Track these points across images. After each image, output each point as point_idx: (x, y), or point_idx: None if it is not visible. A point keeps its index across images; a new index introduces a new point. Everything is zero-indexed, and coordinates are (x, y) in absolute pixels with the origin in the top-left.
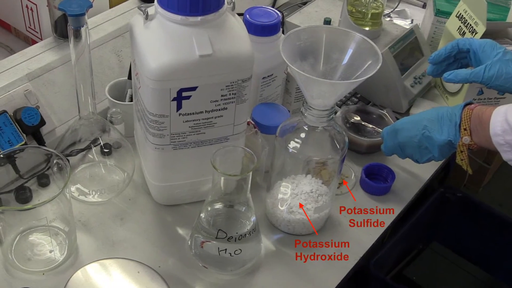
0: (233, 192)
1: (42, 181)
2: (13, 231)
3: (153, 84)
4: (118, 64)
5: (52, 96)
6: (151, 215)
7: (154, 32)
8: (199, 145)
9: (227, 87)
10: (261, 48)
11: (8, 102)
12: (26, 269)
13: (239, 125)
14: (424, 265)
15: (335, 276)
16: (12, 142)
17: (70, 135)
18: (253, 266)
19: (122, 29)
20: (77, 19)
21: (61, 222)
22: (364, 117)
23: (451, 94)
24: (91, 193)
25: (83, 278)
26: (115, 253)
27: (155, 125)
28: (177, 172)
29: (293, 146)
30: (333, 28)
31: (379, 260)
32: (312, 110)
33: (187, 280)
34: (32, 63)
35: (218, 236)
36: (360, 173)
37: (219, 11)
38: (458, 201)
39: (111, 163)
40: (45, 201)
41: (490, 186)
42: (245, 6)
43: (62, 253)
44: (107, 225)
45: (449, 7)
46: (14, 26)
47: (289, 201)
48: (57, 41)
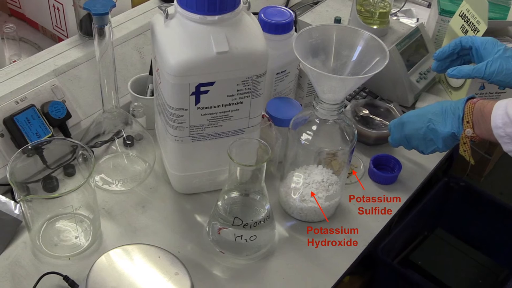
0: (248, 181)
1: (68, 171)
2: (40, 218)
3: (173, 79)
4: (140, 61)
5: (78, 90)
6: (171, 203)
7: (173, 30)
8: (216, 137)
9: (242, 82)
10: (275, 46)
11: (36, 97)
12: (53, 254)
13: (254, 118)
14: (429, 250)
15: (345, 260)
16: (40, 134)
17: (95, 128)
18: (267, 251)
19: (144, 27)
20: (101, 18)
21: (86, 210)
22: (372, 110)
23: (455, 89)
24: (114, 183)
25: (106, 262)
26: (137, 239)
27: (175, 118)
28: (196, 163)
29: (305, 138)
30: (343, 27)
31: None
32: (323, 104)
33: (205, 264)
34: (59, 60)
35: (234, 223)
36: (369, 164)
37: (235, 10)
38: (461, 190)
39: (133, 154)
40: (71, 190)
41: (491, 175)
42: (260, 5)
43: (87, 239)
44: (130, 213)
45: (452, 6)
46: (42, 25)
47: (302, 190)
48: (82, 38)
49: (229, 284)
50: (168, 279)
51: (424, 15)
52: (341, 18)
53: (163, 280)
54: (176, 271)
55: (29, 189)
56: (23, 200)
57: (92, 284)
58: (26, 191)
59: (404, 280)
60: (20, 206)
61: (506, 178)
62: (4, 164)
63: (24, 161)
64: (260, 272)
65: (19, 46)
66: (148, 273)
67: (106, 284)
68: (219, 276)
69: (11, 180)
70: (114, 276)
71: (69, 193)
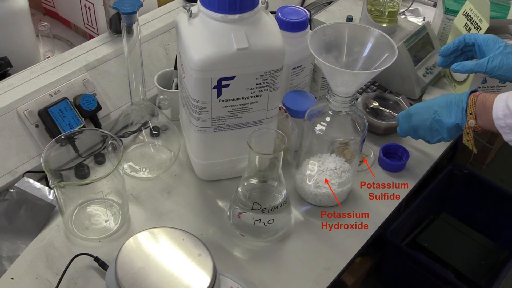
0: (266, 169)
1: (99, 159)
2: (73, 204)
3: (196, 74)
4: (165, 56)
5: (107, 84)
6: (194, 189)
7: (197, 28)
8: (236, 127)
9: (261, 77)
10: (291, 42)
11: (69, 90)
12: (84, 236)
13: (271, 110)
14: (434, 233)
15: (356, 242)
16: (72, 125)
17: (123, 119)
18: (284, 234)
19: (169, 25)
20: (129, 16)
21: (115, 195)
22: (382, 103)
23: (459, 83)
24: (141, 170)
25: (134, 244)
26: (162, 223)
27: (198, 110)
28: (217, 152)
29: (319, 129)
30: (354, 25)
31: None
32: (336, 97)
33: (226, 246)
34: (90, 56)
35: (254, 208)
36: (378, 152)
37: (254, 10)
38: (464, 177)
39: (159, 143)
40: (101, 177)
41: (493, 163)
42: (277, 5)
43: (116, 223)
44: (156, 198)
45: (456, 6)
46: (74, 23)
47: (316, 176)
48: (111, 36)
49: (248, 265)
50: (192, 259)
51: (430, 14)
52: (352, 16)
53: (187, 261)
54: (199, 252)
55: (62, 176)
56: (57, 187)
57: (121, 265)
58: (60, 178)
59: (411, 260)
60: (54, 192)
61: (507, 166)
62: (39, 153)
63: (58, 150)
64: (277, 253)
65: (53, 43)
66: (173, 254)
67: (134, 265)
68: (239, 257)
69: (45, 168)
70: (142, 257)
71: (100, 180)
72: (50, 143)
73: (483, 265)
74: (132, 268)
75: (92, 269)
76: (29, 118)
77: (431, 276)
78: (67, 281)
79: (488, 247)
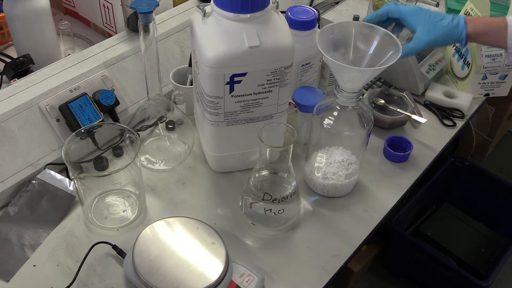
0: (276, 161)
1: (117, 152)
2: (92, 194)
3: (209, 71)
4: (180, 54)
5: (125, 80)
6: (208, 180)
7: (210, 27)
8: (248, 121)
9: (272, 73)
10: (300, 40)
11: (88, 86)
12: (103, 225)
13: (282, 105)
14: (437, 222)
15: (362, 231)
16: (92, 119)
17: (140, 113)
18: (293, 223)
19: (184, 24)
20: (146, 16)
21: (133, 186)
22: (387, 98)
23: (460, 79)
24: (157, 162)
25: (151, 233)
26: (177, 212)
27: (211, 105)
28: (230, 144)
29: (327, 123)
30: (361, 24)
31: (399, 218)
32: (343, 93)
33: (238, 235)
34: (108, 53)
35: (264, 198)
36: (384, 145)
37: (265, 9)
38: (466, 168)
39: (174, 137)
40: (119, 169)
41: (493, 156)
42: (287, 4)
43: (133, 212)
44: (171, 189)
45: (458, 5)
46: (93, 22)
47: (324, 168)
48: (129, 34)
49: (260, 253)
50: (206, 247)
51: None
52: (359, 16)
53: (201, 249)
54: (212, 240)
55: (82, 168)
56: (77, 178)
57: (138, 252)
58: (79, 170)
59: (415, 248)
60: (74, 183)
61: (506, 158)
62: (60, 146)
63: (78, 143)
64: (287, 241)
65: (73, 41)
66: (187, 242)
67: (151, 252)
68: (251, 245)
69: (66, 160)
70: (158, 245)
71: (118, 171)
72: (71, 137)
73: (483, 252)
74: (149, 256)
75: (110, 256)
76: (51, 112)
77: (434, 263)
78: (86, 268)
79: (488, 235)
